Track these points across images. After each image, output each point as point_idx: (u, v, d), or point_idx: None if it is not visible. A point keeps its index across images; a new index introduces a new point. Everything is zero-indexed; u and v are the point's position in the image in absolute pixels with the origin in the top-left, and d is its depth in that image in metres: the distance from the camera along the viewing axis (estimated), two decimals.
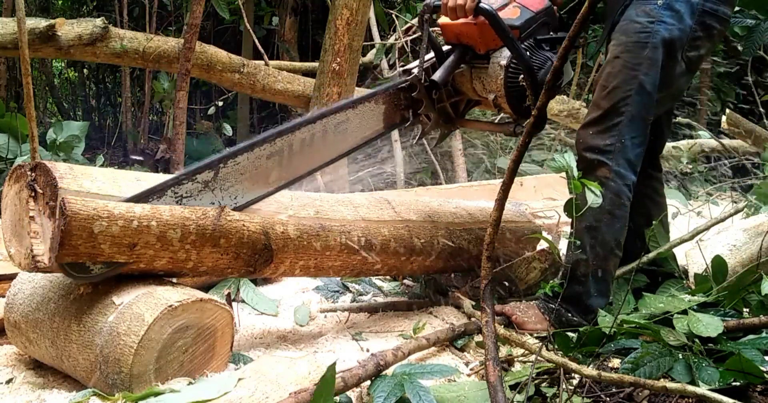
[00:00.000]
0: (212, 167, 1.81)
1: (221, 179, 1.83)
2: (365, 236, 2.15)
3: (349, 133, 2.06)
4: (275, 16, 7.75)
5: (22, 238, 1.64)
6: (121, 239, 1.62)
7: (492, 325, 1.50)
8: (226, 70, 4.24)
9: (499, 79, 2.05)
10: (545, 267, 2.40)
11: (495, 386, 1.38)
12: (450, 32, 2.11)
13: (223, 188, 1.84)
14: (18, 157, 4.29)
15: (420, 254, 2.31)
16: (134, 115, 7.55)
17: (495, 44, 2.07)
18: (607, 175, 1.99)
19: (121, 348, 1.55)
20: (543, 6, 2.08)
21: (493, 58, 2.09)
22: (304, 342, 2.15)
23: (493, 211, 1.59)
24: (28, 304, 1.81)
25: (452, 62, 2.10)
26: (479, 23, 2.01)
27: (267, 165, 1.90)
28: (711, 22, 2.04)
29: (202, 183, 1.81)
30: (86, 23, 3.85)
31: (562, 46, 1.47)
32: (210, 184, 1.82)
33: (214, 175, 1.82)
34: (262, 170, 1.90)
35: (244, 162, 1.86)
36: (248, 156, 1.86)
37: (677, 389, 1.35)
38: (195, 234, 1.74)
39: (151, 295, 1.65)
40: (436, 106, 2.23)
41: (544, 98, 1.53)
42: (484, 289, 1.56)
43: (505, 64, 2.04)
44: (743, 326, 1.84)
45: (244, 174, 1.86)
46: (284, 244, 1.95)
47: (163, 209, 1.70)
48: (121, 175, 1.76)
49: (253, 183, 1.89)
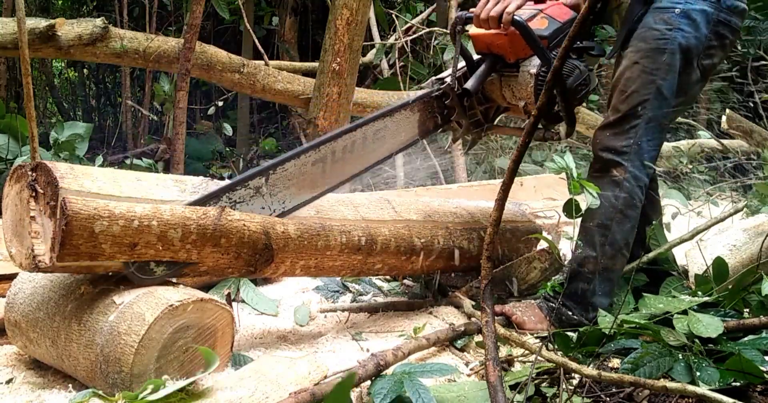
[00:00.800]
0: (263, 174, 1.91)
1: (271, 185, 1.93)
2: (366, 236, 2.15)
3: (386, 140, 2.17)
4: (275, 16, 7.76)
5: (23, 238, 1.64)
6: (122, 238, 1.62)
7: (492, 325, 1.51)
8: (226, 70, 4.24)
9: (530, 86, 2.14)
10: (545, 267, 2.40)
11: (495, 386, 1.38)
12: (481, 42, 2.19)
13: (272, 194, 1.95)
14: (18, 157, 4.29)
15: (420, 253, 2.32)
16: (134, 115, 7.56)
17: (524, 53, 2.15)
18: (623, 176, 2.03)
19: (121, 347, 1.56)
20: (569, 16, 2.15)
21: (522, 66, 2.17)
22: (304, 342, 2.15)
23: (493, 211, 1.59)
24: (28, 303, 1.82)
25: (483, 71, 2.18)
26: (510, 34, 2.08)
27: (312, 171, 2.01)
28: (724, 32, 2.08)
29: (253, 189, 1.91)
30: (86, 23, 3.85)
31: (563, 46, 1.48)
32: (261, 190, 1.92)
33: (264, 182, 1.92)
34: (308, 176, 2.01)
35: (292, 169, 1.97)
36: (295, 163, 1.97)
37: (677, 388, 1.36)
38: (196, 234, 1.74)
39: (151, 294, 1.65)
40: (467, 113, 2.33)
41: (544, 98, 1.54)
42: (484, 289, 1.56)
43: (535, 73, 2.12)
44: (743, 326, 1.84)
45: (292, 180, 1.98)
46: (285, 243, 1.95)
47: (164, 208, 1.70)
48: (122, 175, 1.76)
49: (300, 189, 2.00)
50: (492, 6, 2.06)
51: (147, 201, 1.71)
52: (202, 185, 1.85)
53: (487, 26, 2.10)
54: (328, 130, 4.23)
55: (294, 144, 7.70)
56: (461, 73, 2.29)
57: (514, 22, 2.04)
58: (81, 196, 1.58)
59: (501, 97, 2.30)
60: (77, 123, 4.78)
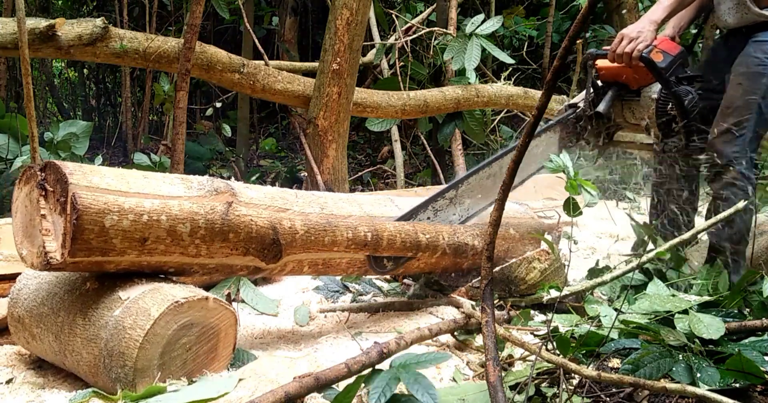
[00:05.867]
0: (455, 187, 2.43)
1: (459, 196, 2.45)
2: (372, 232, 2.17)
3: (538, 155, 2.64)
4: (275, 16, 7.76)
5: (34, 237, 1.64)
6: (133, 233, 1.64)
7: (492, 325, 1.50)
8: (226, 70, 4.23)
9: (651, 109, 2.60)
10: (545, 267, 2.40)
11: (495, 386, 1.38)
12: (608, 73, 2.66)
13: (460, 203, 2.45)
14: (18, 157, 4.28)
15: (426, 249, 2.32)
16: (134, 115, 7.55)
17: (645, 82, 2.61)
18: (736, 176, 2.44)
19: (126, 342, 1.56)
20: (678, 50, 2.58)
21: (644, 92, 2.63)
22: (304, 342, 2.15)
23: (493, 211, 1.59)
24: (33, 299, 1.82)
25: (611, 97, 2.66)
26: (634, 67, 2.54)
27: (487, 184, 2.51)
28: None
29: (448, 199, 2.42)
30: (86, 23, 3.84)
31: (563, 46, 1.48)
32: (453, 200, 2.44)
33: (455, 193, 2.44)
34: (484, 188, 2.51)
35: (474, 182, 2.47)
36: (476, 178, 2.47)
37: (677, 389, 1.35)
38: (204, 228, 1.76)
39: (157, 291, 1.66)
40: (595, 132, 2.78)
41: (544, 98, 1.54)
42: (484, 289, 1.56)
43: (656, 97, 2.59)
44: (745, 327, 1.83)
45: (473, 191, 2.49)
46: (292, 239, 1.97)
47: (172, 203, 1.72)
48: (129, 173, 1.78)
49: (478, 198, 2.51)
50: (626, 44, 2.51)
51: (155, 197, 1.72)
52: (207, 183, 1.87)
53: (620, 61, 2.54)
54: (328, 129, 4.23)
55: (294, 144, 7.71)
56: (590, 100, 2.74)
57: (641, 58, 2.49)
58: (90, 191, 1.60)
59: (622, 118, 2.76)
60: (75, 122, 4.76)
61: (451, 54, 5.06)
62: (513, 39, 7.14)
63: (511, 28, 6.87)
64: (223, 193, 1.86)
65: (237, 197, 1.89)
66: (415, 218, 2.36)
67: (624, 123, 2.77)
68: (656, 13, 2.53)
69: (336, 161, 4.32)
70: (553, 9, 6.45)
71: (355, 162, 7.46)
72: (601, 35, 6.50)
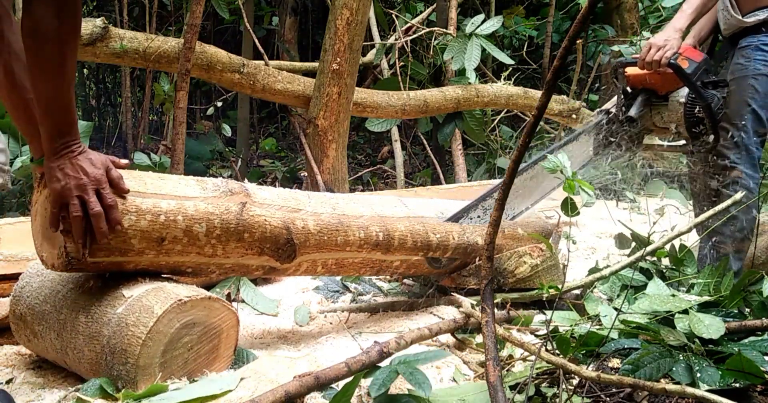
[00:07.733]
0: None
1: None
2: (383, 231, 2.18)
3: (574, 158, 2.75)
4: (275, 16, 7.76)
5: (55, 239, 1.65)
6: (150, 233, 1.67)
7: (492, 325, 1.50)
8: (226, 70, 4.23)
9: (679, 112, 2.73)
10: (536, 263, 2.41)
11: (495, 386, 1.38)
12: (636, 80, 2.80)
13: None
14: (18, 157, 4.28)
15: (437, 249, 2.34)
16: (134, 115, 7.55)
17: (672, 87, 2.74)
18: (740, 176, 2.56)
19: (128, 339, 1.56)
20: (703, 57, 2.70)
21: (671, 97, 2.76)
22: (304, 342, 2.15)
23: (493, 211, 1.59)
24: (35, 296, 1.83)
25: (641, 102, 2.80)
26: (662, 73, 2.68)
27: (529, 185, 2.66)
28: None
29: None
30: (86, 23, 3.84)
31: (563, 46, 1.48)
32: None
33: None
34: (527, 189, 2.66)
35: (518, 183, 2.52)
36: (519, 179, 2.55)
37: (677, 390, 1.35)
38: (220, 228, 1.79)
39: (161, 289, 1.66)
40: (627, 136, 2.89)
41: (544, 98, 1.54)
42: (485, 289, 1.56)
43: (684, 102, 2.71)
44: (745, 327, 1.83)
45: (518, 191, 2.62)
46: (306, 238, 1.99)
47: (188, 204, 1.75)
48: (146, 174, 1.80)
49: (523, 197, 2.67)
50: (654, 52, 2.63)
51: (171, 198, 1.74)
52: (222, 184, 1.89)
53: (649, 68, 2.67)
54: (328, 129, 4.23)
55: (294, 144, 7.71)
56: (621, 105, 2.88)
57: (670, 64, 2.62)
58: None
59: (651, 122, 2.88)
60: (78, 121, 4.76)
61: (451, 54, 5.06)
62: (513, 39, 7.14)
63: (511, 28, 6.88)
64: (237, 193, 1.89)
65: (251, 198, 1.91)
66: (465, 216, 2.48)
67: (653, 126, 2.91)
68: (680, 22, 2.66)
69: (336, 161, 4.32)
70: (553, 9, 6.45)
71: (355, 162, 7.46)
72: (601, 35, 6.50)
